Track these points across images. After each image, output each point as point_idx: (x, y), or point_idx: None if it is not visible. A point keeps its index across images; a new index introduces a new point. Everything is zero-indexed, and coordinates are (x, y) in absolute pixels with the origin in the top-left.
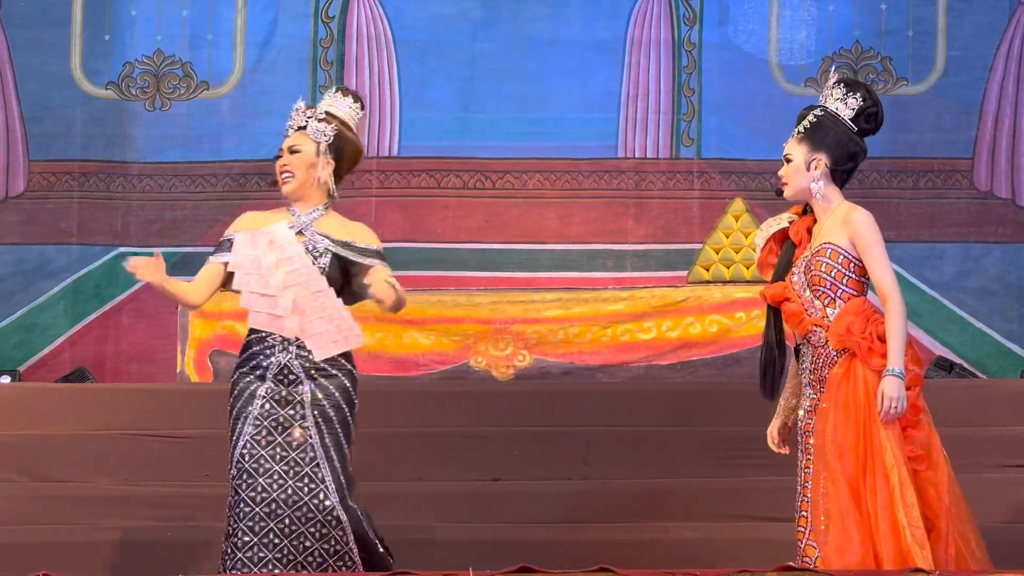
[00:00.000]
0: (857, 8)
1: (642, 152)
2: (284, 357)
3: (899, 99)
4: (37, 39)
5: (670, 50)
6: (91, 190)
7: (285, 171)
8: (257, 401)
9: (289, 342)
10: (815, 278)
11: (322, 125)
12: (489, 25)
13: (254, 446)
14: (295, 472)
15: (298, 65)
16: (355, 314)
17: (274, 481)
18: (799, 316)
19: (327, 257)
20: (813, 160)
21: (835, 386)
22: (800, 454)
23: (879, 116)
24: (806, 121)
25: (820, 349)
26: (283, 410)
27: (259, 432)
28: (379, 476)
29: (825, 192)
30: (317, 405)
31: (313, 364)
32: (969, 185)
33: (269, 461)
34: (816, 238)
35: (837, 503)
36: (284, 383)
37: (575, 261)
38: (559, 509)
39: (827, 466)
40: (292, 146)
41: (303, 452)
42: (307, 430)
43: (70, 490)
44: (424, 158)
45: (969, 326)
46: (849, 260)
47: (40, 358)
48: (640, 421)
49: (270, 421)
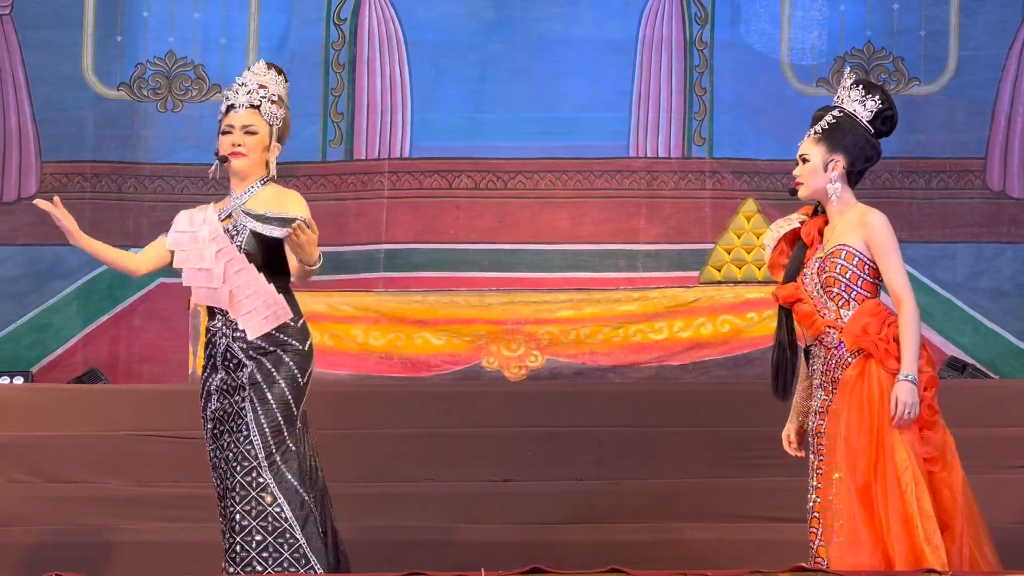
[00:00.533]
0: (869, 8)
1: (654, 152)
2: (225, 341)
3: (911, 99)
4: (49, 40)
5: (682, 50)
6: (103, 191)
7: (238, 150)
8: (213, 396)
9: (227, 325)
10: (829, 279)
11: (275, 108)
12: (500, 25)
13: (211, 441)
14: (233, 455)
15: (310, 68)
16: (368, 316)
17: (221, 474)
18: (812, 317)
19: (244, 234)
20: (831, 161)
21: (848, 387)
22: (811, 455)
23: (895, 119)
24: (824, 122)
25: (833, 350)
26: (232, 397)
27: (215, 428)
28: (391, 477)
29: (841, 193)
30: (254, 384)
31: (250, 344)
32: (982, 185)
33: (217, 458)
34: (829, 239)
35: (848, 504)
36: (230, 368)
37: (587, 261)
38: (571, 510)
39: (839, 467)
40: (248, 126)
41: (239, 432)
42: (243, 409)
43: (82, 491)
44: (436, 159)
45: (982, 326)
46: (864, 262)
47: (53, 359)
48: (652, 422)
49: (218, 414)
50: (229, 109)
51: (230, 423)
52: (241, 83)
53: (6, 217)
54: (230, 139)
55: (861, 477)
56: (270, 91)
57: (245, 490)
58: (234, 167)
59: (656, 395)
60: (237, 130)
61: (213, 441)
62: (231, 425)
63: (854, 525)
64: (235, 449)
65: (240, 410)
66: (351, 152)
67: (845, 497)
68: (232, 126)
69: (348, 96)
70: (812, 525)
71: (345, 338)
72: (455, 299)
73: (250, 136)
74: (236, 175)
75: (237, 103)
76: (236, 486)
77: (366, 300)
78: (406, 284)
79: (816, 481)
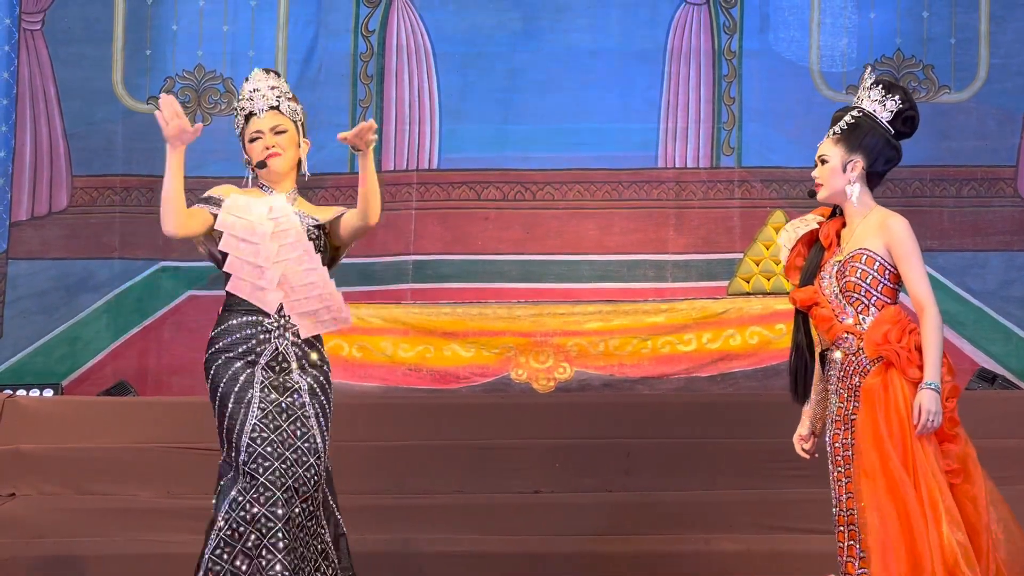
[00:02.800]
0: (899, 15)
1: (682, 162)
2: (280, 344)
3: (941, 107)
4: (79, 55)
5: (710, 59)
6: (133, 205)
7: (274, 150)
8: (256, 387)
9: (285, 327)
10: (849, 284)
11: (294, 104)
12: (528, 36)
13: (263, 430)
14: (299, 447)
15: (339, 80)
16: (397, 328)
17: (289, 467)
18: (830, 322)
19: (317, 236)
20: (850, 162)
21: (873, 398)
22: (830, 465)
23: (916, 119)
24: (843, 122)
25: (851, 356)
26: (282, 397)
27: (267, 416)
28: (420, 489)
29: (860, 195)
30: (315, 397)
31: (305, 354)
32: (1013, 193)
33: (280, 447)
34: (849, 243)
35: (880, 517)
36: (275, 371)
37: (615, 272)
38: (600, 521)
39: (869, 480)
40: (276, 126)
41: (304, 433)
42: (308, 419)
43: (112, 502)
44: (464, 170)
45: (1013, 336)
46: (885, 267)
47: (83, 372)
48: (680, 433)
49: (275, 407)
50: (249, 117)
51: (289, 422)
52: (253, 89)
53: (37, 231)
54: (262, 143)
55: (893, 490)
56: (283, 89)
57: (314, 457)
58: (274, 167)
59: (685, 406)
60: (267, 133)
61: (265, 429)
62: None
63: (886, 538)
64: (295, 442)
65: (305, 415)
66: (379, 163)
67: (876, 510)
68: (260, 131)
69: (376, 107)
70: (839, 539)
71: (374, 350)
72: (483, 311)
73: (281, 135)
74: (275, 176)
75: (256, 108)
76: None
77: (395, 312)
78: (434, 295)
79: (838, 493)
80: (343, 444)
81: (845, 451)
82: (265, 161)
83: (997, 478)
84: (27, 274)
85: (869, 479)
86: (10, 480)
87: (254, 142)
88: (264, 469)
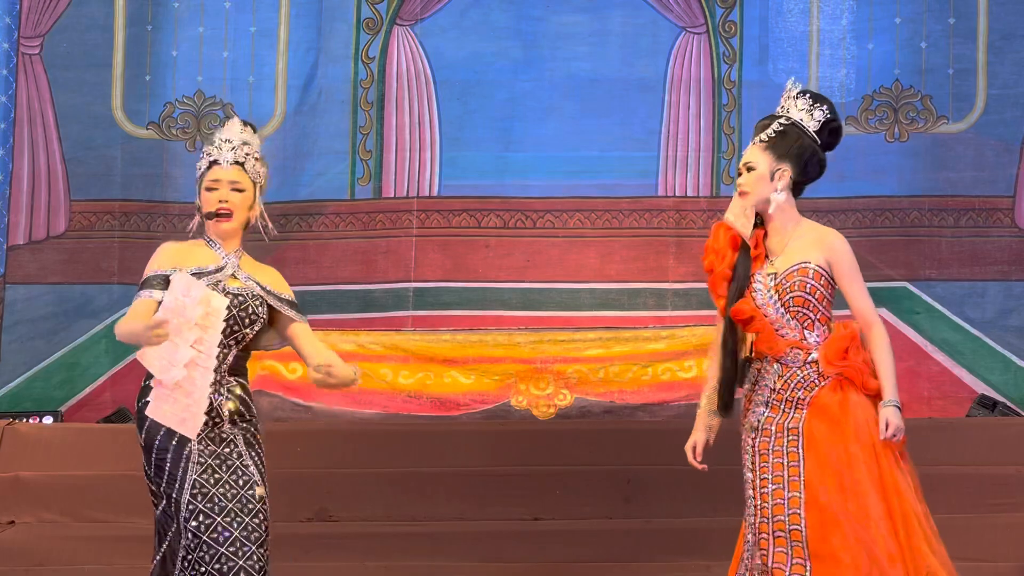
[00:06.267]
0: (897, 46)
1: (682, 190)
2: (215, 399)
3: (939, 137)
4: (79, 80)
5: (710, 88)
6: (132, 230)
7: (224, 209)
8: (194, 441)
9: (220, 383)
10: (798, 299)
11: (259, 166)
12: (529, 64)
13: (203, 485)
14: (243, 496)
15: (339, 107)
16: (397, 355)
17: (232, 519)
18: (772, 335)
19: (259, 304)
20: (778, 170)
21: (832, 414)
22: (749, 473)
23: (841, 131)
24: (770, 130)
25: (796, 371)
26: (219, 448)
27: (206, 471)
28: (420, 516)
29: (783, 204)
30: (251, 448)
31: (235, 409)
32: (1011, 223)
33: (223, 500)
34: (782, 255)
35: (854, 534)
36: (207, 425)
37: (616, 300)
38: (601, 548)
39: (821, 489)
40: (235, 183)
41: (246, 481)
42: (247, 467)
43: (112, 530)
44: (464, 197)
45: (1012, 364)
46: (830, 282)
47: (82, 398)
48: (681, 459)
49: (214, 459)
50: (212, 164)
51: (229, 473)
52: (225, 139)
53: (35, 256)
54: (216, 195)
55: (866, 505)
56: (253, 148)
57: (252, 503)
58: (221, 229)
59: (685, 433)
60: (224, 185)
61: (205, 485)
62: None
63: (857, 555)
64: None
65: (258, 484)
66: (379, 190)
67: (850, 529)
68: (218, 181)
69: (377, 134)
70: (762, 546)
71: (374, 377)
72: (484, 338)
73: (236, 193)
74: (223, 233)
75: (222, 159)
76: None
77: (395, 339)
78: (435, 323)
79: (760, 500)
80: (343, 471)
81: (777, 458)
82: (215, 214)
83: (998, 504)
84: (25, 299)
85: (823, 492)
86: (10, 508)
87: (210, 192)
88: (206, 527)
